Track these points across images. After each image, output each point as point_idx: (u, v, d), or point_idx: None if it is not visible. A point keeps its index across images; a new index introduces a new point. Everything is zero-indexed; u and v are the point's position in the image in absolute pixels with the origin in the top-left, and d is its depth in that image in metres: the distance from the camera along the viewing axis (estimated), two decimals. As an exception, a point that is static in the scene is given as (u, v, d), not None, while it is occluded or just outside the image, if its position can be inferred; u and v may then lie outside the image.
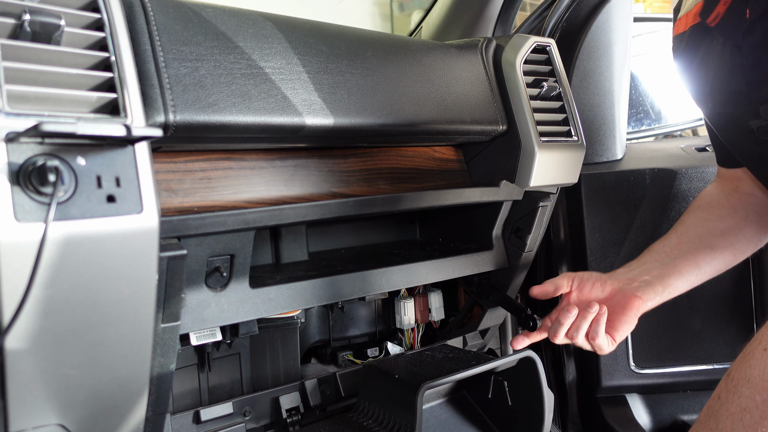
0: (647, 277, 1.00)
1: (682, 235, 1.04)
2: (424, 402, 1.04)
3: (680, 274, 1.00)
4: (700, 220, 1.05)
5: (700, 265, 1.01)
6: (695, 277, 1.02)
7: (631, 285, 1.00)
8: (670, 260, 1.01)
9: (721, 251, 1.02)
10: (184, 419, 0.90)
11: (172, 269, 0.67)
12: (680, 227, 1.06)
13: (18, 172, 0.53)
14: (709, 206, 1.06)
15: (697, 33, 0.88)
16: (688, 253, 1.01)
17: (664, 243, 1.05)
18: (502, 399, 1.04)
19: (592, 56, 1.35)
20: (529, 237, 1.11)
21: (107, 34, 0.62)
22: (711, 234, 1.02)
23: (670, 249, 1.03)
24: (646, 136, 1.76)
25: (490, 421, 1.05)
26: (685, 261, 1.01)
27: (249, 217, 0.76)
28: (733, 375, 0.73)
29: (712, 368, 1.38)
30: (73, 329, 0.59)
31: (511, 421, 1.02)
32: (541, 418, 0.97)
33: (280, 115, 0.76)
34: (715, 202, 1.06)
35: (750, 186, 1.05)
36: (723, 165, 1.08)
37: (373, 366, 0.99)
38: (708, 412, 0.75)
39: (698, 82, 0.91)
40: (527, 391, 0.99)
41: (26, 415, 0.60)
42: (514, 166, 1.05)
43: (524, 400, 1.00)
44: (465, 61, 1.02)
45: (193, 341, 0.87)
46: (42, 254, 0.53)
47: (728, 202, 1.05)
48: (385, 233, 1.21)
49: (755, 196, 1.04)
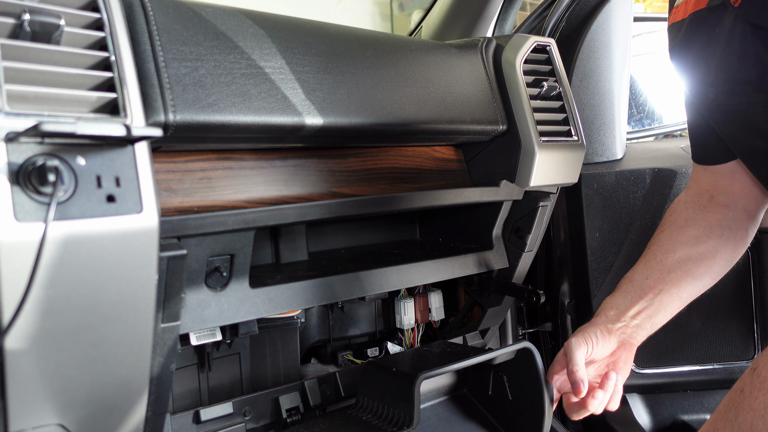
0: (637, 321, 0.99)
1: (662, 263, 1.01)
2: (426, 400, 1.05)
3: (665, 310, 1.00)
4: (678, 244, 1.02)
5: (682, 296, 1.01)
6: (677, 308, 1.01)
7: (626, 332, 1.00)
8: (656, 297, 1.00)
9: (700, 278, 1.01)
10: (184, 419, 0.90)
11: (172, 269, 0.67)
12: (659, 252, 1.03)
13: (18, 171, 0.53)
14: (686, 225, 1.03)
15: (698, 20, 0.85)
16: (672, 286, 1.00)
17: (645, 274, 1.02)
18: (502, 394, 1.04)
19: (592, 56, 1.35)
20: (529, 237, 1.11)
21: (107, 33, 0.62)
22: (690, 260, 1.00)
23: (653, 282, 1.00)
24: (646, 136, 1.76)
25: (491, 417, 1.05)
26: (669, 296, 1.00)
27: (249, 217, 0.76)
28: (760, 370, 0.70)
29: (712, 368, 1.38)
30: (73, 329, 0.59)
31: (513, 415, 1.02)
32: (541, 410, 0.97)
33: (280, 114, 0.76)
34: (691, 220, 1.03)
35: (725, 197, 1.01)
36: (700, 161, 1.04)
37: (371, 362, 0.99)
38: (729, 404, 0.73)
39: (698, 72, 0.87)
40: (527, 385, 0.99)
41: (26, 415, 0.60)
42: (514, 166, 1.05)
43: (524, 394, 1.00)
44: (465, 60, 1.02)
45: (193, 341, 0.87)
46: (42, 254, 0.53)
47: (703, 219, 1.02)
48: (385, 233, 1.21)
49: (729, 209, 1.01)
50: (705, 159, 1.03)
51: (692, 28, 0.86)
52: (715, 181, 1.02)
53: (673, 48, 0.93)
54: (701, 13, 0.84)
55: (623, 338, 0.99)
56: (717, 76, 0.83)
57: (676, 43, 0.91)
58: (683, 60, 0.91)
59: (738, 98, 0.82)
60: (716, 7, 0.81)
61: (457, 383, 1.10)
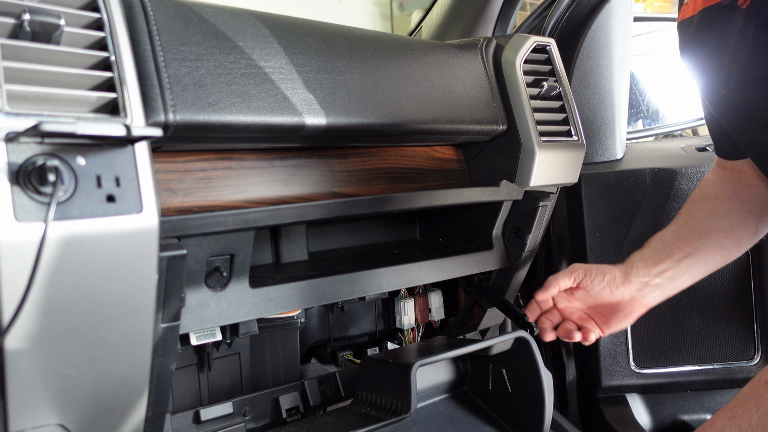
0: (659, 280, 1.00)
1: (694, 229, 1.02)
2: (427, 398, 1.05)
3: (689, 274, 1.01)
4: (710, 213, 1.03)
5: (708, 263, 1.02)
6: (701, 274, 1.02)
7: (641, 291, 1.00)
8: (684, 258, 1.01)
9: (728, 248, 1.02)
10: (184, 419, 0.90)
11: (172, 269, 0.67)
12: (690, 219, 1.04)
13: (18, 171, 0.53)
14: (716, 198, 1.04)
15: (709, 16, 0.84)
16: (701, 252, 1.01)
17: (676, 235, 1.03)
18: (502, 388, 1.04)
19: (592, 56, 1.35)
20: (529, 237, 1.11)
21: (107, 33, 0.62)
22: (720, 230, 1.02)
23: (683, 245, 1.02)
24: (646, 136, 1.76)
25: (493, 412, 1.06)
26: (695, 261, 1.01)
27: (249, 216, 0.76)
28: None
29: (712, 368, 1.38)
30: (73, 329, 0.59)
31: (515, 408, 1.03)
32: (541, 400, 0.98)
33: (280, 114, 0.76)
34: (721, 194, 1.04)
35: (753, 178, 1.03)
36: (724, 157, 1.05)
37: (369, 357, 1.00)
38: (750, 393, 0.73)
39: (710, 68, 0.87)
40: (525, 375, 1.00)
41: (26, 415, 0.60)
42: (514, 166, 1.05)
43: (524, 385, 1.00)
44: (465, 60, 1.02)
45: (193, 341, 0.87)
46: (42, 254, 0.53)
47: (734, 193, 1.03)
48: (385, 233, 1.21)
49: (758, 188, 1.03)
50: (726, 154, 1.05)
51: (703, 25, 0.86)
52: (740, 168, 1.04)
53: (684, 45, 0.92)
54: (712, 10, 0.84)
55: (637, 295, 1.00)
56: (730, 72, 0.83)
57: (686, 39, 0.91)
58: (695, 57, 0.90)
59: (751, 94, 0.81)
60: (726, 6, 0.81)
61: (457, 380, 1.10)
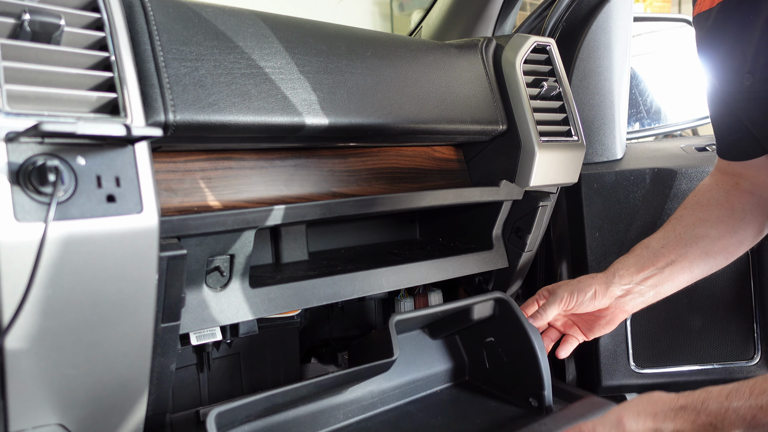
0: (642, 287, 1.00)
1: (681, 236, 1.02)
2: (428, 387, 1.09)
3: (673, 282, 1.00)
4: (699, 221, 1.02)
5: (694, 271, 1.01)
6: (686, 282, 1.02)
7: (623, 299, 1.00)
8: (668, 266, 1.00)
9: (715, 256, 1.01)
10: (184, 419, 0.90)
11: (172, 269, 0.67)
12: (678, 226, 1.04)
13: (18, 171, 0.53)
14: (708, 204, 1.04)
15: (728, 8, 0.83)
16: (686, 259, 1.00)
17: (662, 242, 1.03)
18: (498, 362, 1.06)
19: (592, 56, 1.35)
20: (529, 237, 1.11)
21: (107, 33, 0.62)
22: (708, 238, 1.01)
23: (668, 252, 1.01)
24: (646, 136, 1.76)
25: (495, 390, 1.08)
26: (680, 268, 1.00)
27: (249, 217, 0.76)
28: None
29: (712, 368, 1.38)
30: (73, 329, 0.59)
31: (514, 379, 1.04)
32: (534, 355, 0.98)
33: (280, 114, 0.76)
34: (714, 200, 1.04)
35: (749, 184, 1.02)
36: (725, 157, 1.04)
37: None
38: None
39: (733, 60, 0.86)
40: (515, 338, 1.01)
41: (26, 414, 0.60)
42: (514, 166, 1.05)
43: (515, 349, 1.02)
44: (465, 60, 1.02)
45: (193, 341, 0.87)
46: (42, 254, 0.53)
47: (726, 200, 1.02)
48: (385, 233, 1.21)
49: (753, 195, 1.02)
50: (730, 155, 1.03)
51: (723, 16, 0.85)
52: (739, 172, 1.03)
53: (702, 38, 0.91)
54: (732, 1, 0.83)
55: (618, 302, 1.00)
56: (756, 63, 0.82)
57: (704, 33, 0.89)
58: (715, 49, 0.89)
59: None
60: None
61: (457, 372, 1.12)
